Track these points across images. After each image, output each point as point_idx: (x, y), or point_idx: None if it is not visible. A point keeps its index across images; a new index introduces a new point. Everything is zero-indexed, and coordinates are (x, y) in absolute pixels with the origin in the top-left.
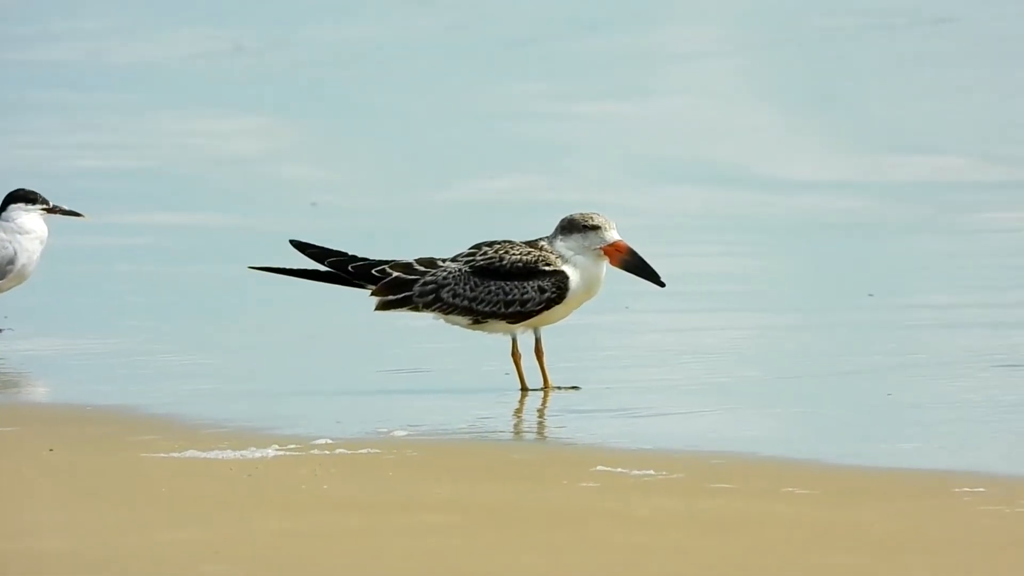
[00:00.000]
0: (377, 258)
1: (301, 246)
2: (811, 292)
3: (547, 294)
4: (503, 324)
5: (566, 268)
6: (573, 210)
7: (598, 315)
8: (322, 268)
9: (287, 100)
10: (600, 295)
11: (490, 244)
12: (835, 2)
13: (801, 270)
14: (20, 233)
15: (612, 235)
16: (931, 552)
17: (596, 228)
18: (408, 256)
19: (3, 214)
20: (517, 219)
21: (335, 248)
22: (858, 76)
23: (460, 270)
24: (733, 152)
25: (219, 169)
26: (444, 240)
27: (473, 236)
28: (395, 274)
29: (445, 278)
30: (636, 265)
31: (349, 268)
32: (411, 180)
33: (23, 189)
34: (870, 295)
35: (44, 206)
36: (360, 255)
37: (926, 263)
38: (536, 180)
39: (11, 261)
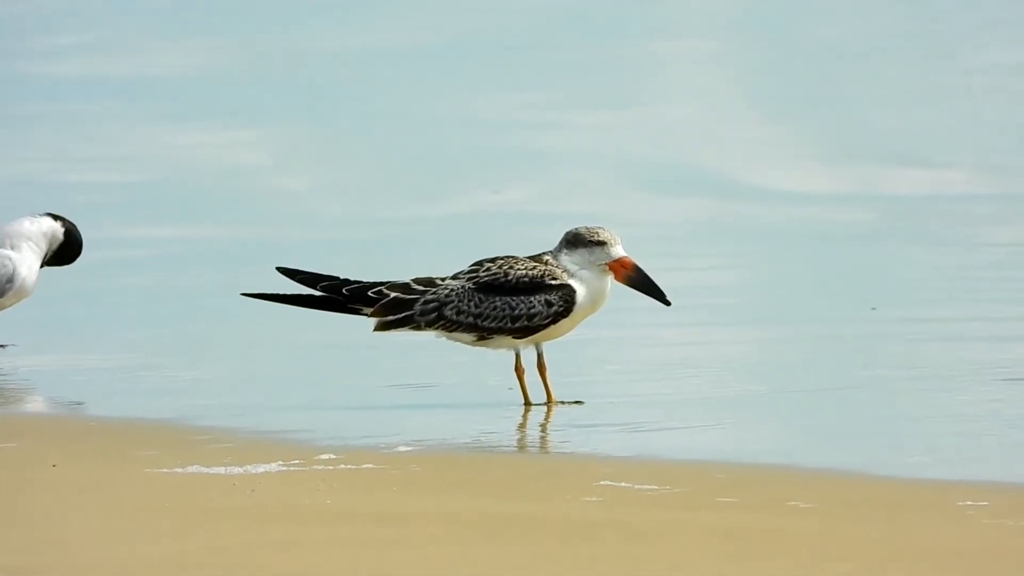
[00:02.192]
0: (371, 280)
1: (289, 272)
2: (811, 304)
3: (555, 308)
4: (508, 339)
5: (572, 282)
6: (570, 223)
7: (601, 330)
8: (315, 293)
9: (285, 110)
10: (603, 310)
11: (492, 260)
12: (831, 11)
13: (801, 282)
14: (27, 239)
15: (618, 251)
16: (934, 565)
17: (602, 243)
18: (404, 276)
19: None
20: (510, 230)
21: (325, 273)
22: (856, 86)
23: (463, 287)
24: (730, 162)
25: (219, 180)
26: (438, 250)
27: (466, 246)
28: (393, 295)
29: (447, 295)
30: (641, 282)
31: (343, 291)
32: (407, 191)
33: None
34: (873, 309)
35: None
36: (352, 277)
37: (926, 275)
38: (529, 191)
39: (10, 279)
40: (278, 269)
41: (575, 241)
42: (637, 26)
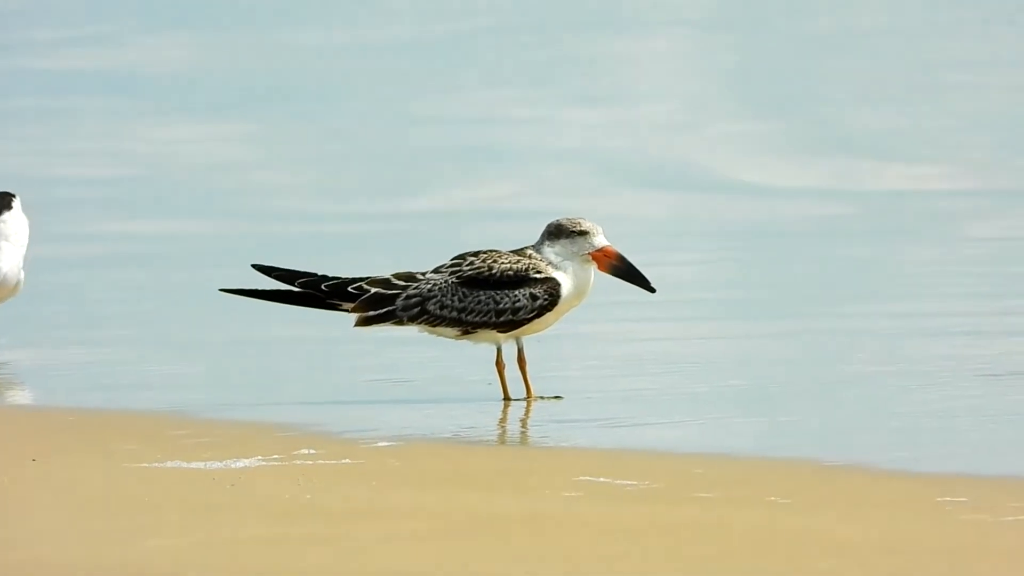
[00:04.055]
0: (348, 276)
1: (265, 270)
2: (791, 300)
3: (539, 301)
4: (492, 333)
5: (557, 275)
6: (551, 219)
7: (580, 325)
8: (294, 289)
9: (267, 106)
10: (585, 303)
11: (475, 254)
12: (811, 6)
13: (781, 277)
14: (4, 239)
15: (600, 240)
16: (913, 561)
17: (584, 233)
18: (383, 272)
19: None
20: (490, 227)
21: (302, 269)
22: (836, 82)
23: (446, 281)
24: (710, 158)
25: (202, 176)
26: (417, 246)
27: (445, 243)
28: (374, 290)
29: (430, 290)
30: (625, 271)
31: (323, 287)
32: (386, 187)
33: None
34: None
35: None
36: (330, 273)
37: (906, 270)
38: (509, 187)
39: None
40: (254, 266)
41: (557, 232)
42: (616, 22)
